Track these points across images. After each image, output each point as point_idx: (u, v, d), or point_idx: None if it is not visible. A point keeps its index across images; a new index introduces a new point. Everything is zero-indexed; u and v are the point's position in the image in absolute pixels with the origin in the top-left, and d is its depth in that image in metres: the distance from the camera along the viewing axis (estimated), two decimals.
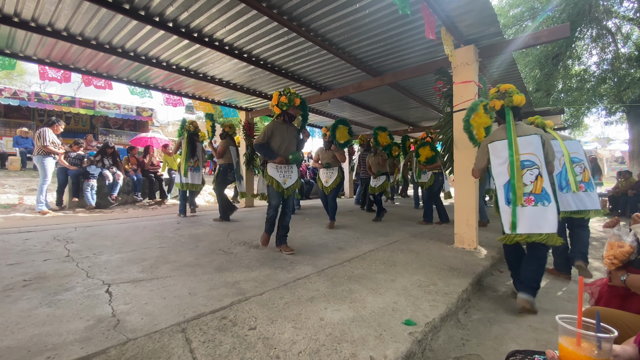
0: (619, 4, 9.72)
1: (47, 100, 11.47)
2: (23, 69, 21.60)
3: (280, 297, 2.25)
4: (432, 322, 1.98)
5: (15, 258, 3.05)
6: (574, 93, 10.47)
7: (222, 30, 4.14)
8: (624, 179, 8.88)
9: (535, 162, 2.47)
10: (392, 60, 4.94)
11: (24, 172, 8.43)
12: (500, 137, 2.61)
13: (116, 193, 7.25)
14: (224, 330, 1.77)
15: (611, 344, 0.76)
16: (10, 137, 10.53)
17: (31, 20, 3.89)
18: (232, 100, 7.50)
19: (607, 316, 1.26)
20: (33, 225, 4.82)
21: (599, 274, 3.41)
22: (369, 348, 1.64)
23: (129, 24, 3.98)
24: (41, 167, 5.92)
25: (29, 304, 2.03)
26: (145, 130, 15.30)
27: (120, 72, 5.48)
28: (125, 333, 1.69)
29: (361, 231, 4.84)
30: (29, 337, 1.63)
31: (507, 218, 2.53)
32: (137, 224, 5.09)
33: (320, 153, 5.42)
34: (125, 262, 3.01)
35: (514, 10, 11.45)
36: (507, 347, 1.94)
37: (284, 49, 4.65)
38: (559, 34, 3.58)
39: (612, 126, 25.60)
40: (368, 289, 2.46)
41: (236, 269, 2.88)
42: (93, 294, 2.23)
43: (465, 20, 3.53)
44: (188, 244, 3.83)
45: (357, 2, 3.45)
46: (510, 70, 5.14)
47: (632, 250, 1.53)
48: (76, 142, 7.15)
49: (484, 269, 3.16)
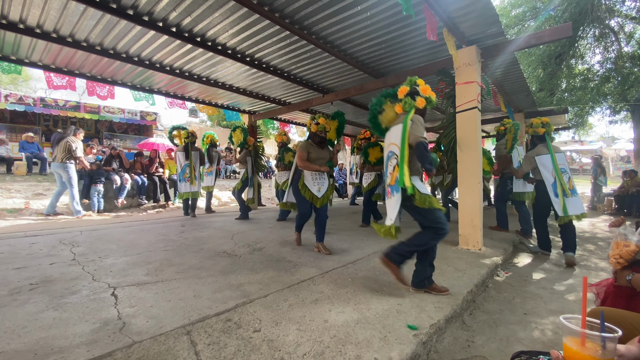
0: (621, 3, 9.67)
1: (52, 106, 11.61)
2: (28, 75, 21.81)
3: (284, 299, 2.26)
4: (437, 324, 1.97)
5: (22, 262, 3.08)
6: (577, 92, 10.41)
7: (224, 34, 4.17)
8: (630, 178, 8.81)
9: (566, 169, 3.80)
10: (394, 61, 4.95)
11: (29, 177, 8.51)
12: (544, 152, 3.84)
13: (123, 197, 7.33)
14: (229, 333, 1.77)
15: (615, 343, 0.76)
16: (16, 142, 10.64)
17: (36, 27, 3.95)
18: (235, 104, 7.54)
19: (613, 316, 1.25)
20: (39, 229, 4.87)
21: (605, 274, 3.38)
22: (374, 350, 1.63)
23: (133, 29, 4.02)
24: (67, 173, 6.08)
25: (36, 307, 2.05)
26: (149, 134, 15.41)
27: (125, 76, 5.54)
28: (131, 336, 1.71)
29: (364, 233, 4.83)
30: (36, 340, 1.65)
31: (559, 206, 3.68)
32: (142, 227, 5.12)
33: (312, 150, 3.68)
34: (131, 265, 3.03)
35: (516, 10, 11.42)
36: (512, 348, 1.93)
37: (287, 52, 4.68)
38: (561, 34, 3.57)
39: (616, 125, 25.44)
40: (372, 291, 2.45)
41: (240, 272, 2.88)
42: (99, 297, 2.25)
43: (466, 21, 3.53)
44: (192, 246, 3.84)
45: (359, 5, 3.46)
46: (513, 70, 5.13)
47: (638, 249, 1.52)
48: (89, 145, 7.32)
49: (489, 270, 3.14)
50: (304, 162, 3.57)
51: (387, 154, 2.46)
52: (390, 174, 2.39)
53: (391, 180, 2.36)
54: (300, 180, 3.62)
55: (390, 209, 2.38)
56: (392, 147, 2.36)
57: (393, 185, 2.33)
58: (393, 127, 2.41)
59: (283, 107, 7.35)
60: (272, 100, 7.12)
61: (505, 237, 4.68)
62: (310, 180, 3.60)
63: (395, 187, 2.28)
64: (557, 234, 4.15)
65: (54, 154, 6.21)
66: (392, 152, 2.37)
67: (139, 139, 14.75)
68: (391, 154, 2.38)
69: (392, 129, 2.42)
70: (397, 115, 2.45)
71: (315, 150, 3.65)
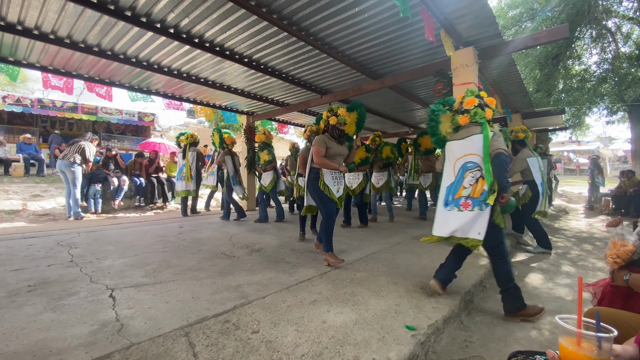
0: (618, 4, 9.70)
1: (50, 107, 11.57)
2: (26, 76, 21.73)
3: (282, 301, 2.26)
4: (435, 324, 1.98)
5: (20, 263, 3.07)
6: (574, 93, 10.44)
7: (222, 35, 4.17)
8: (627, 179, 8.85)
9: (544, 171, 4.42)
10: (392, 62, 4.96)
11: (27, 178, 8.48)
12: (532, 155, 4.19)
13: (120, 198, 7.32)
14: (227, 334, 1.77)
15: (611, 343, 0.76)
16: (14, 143, 10.59)
17: (34, 28, 3.94)
18: (233, 105, 7.54)
19: (609, 316, 1.26)
20: (37, 230, 4.85)
21: (602, 274, 3.40)
22: (372, 351, 1.64)
23: (131, 30, 4.02)
24: (73, 174, 6.15)
25: (34, 309, 2.05)
26: (147, 135, 15.37)
27: (122, 78, 5.53)
28: (129, 337, 1.70)
29: (363, 234, 4.84)
30: (34, 342, 1.65)
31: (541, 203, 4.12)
32: (140, 229, 5.11)
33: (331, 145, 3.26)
34: (129, 267, 3.02)
35: (513, 11, 11.46)
36: (510, 348, 1.93)
37: (285, 53, 4.68)
38: (558, 35, 3.59)
39: (613, 125, 25.54)
40: (370, 292, 2.46)
41: (239, 273, 2.88)
42: (97, 298, 2.24)
43: (464, 22, 3.55)
44: (190, 248, 3.84)
45: (357, 6, 3.47)
46: (510, 71, 5.15)
47: (635, 249, 1.53)
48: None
49: (486, 270, 3.15)
50: (322, 158, 3.16)
51: (464, 164, 2.40)
52: (471, 186, 2.33)
53: (474, 192, 2.31)
54: (320, 179, 3.27)
55: (477, 223, 2.28)
56: (472, 157, 2.36)
57: (476, 198, 2.28)
58: (468, 138, 2.39)
59: (281, 108, 7.36)
60: (271, 102, 7.12)
61: None
62: (330, 180, 3.27)
63: (482, 201, 2.25)
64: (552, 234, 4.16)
65: (65, 152, 6.27)
66: (473, 163, 2.35)
67: (136, 140, 14.70)
68: (472, 165, 2.35)
69: (467, 140, 2.40)
70: (453, 126, 2.53)
71: (335, 145, 3.26)
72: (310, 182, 3.36)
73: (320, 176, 3.27)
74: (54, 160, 10.40)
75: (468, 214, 2.32)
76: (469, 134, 2.40)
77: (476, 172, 2.31)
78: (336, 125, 3.27)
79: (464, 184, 2.36)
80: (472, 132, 2.38)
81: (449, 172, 2.49)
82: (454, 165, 2.45)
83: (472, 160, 2.35)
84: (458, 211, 2.37)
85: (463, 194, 2.36)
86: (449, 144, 2.53)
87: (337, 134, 3.29)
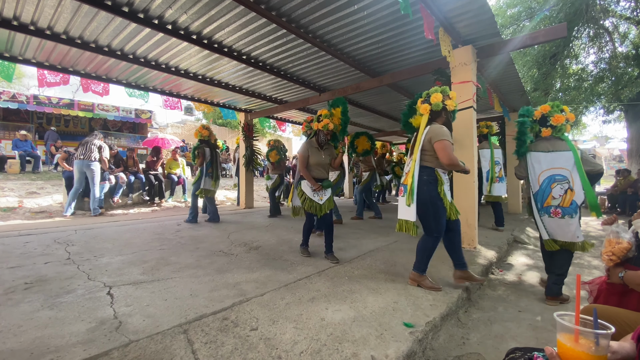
0: (615, 3, 9.74)
1: (45, 103, 11.48)
2: (22, 72, 21.54)
3: (281, 298, 2.26)
4: (433, 321, 1.99)
5: (16, 261, 3.05)
6: (571, 92, 10.48)
7: (221, 32, 4.15)
8: (623, 178, 8.92)
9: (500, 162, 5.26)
10: (391, 61, 4.96)
11: (23, 175, 8.43)
12: (486, 147, 4.86)
13: (118, 196, 7.29)
14: (226, 331, 1.78)
15: (608, 340, 0.77)
16: (9, 140, 10.51)
17: (30, 24, 3.90)
18: (231, 102, 7.51)
19: (606, 313, 1.27)
20: (33, 228, 4.82)
21: (598, 272, 3.43)
22: (370, 347, 1.65)
23: (128, 26, 3.98)
24: (92, 172, 6.24)
25: (31, 306, 2.04)
26: (144, 132, 15.30)
27: (119, 74, 5.48)
28: (127, 335, 1.70)
29: (361, 231, 4.85)
30: (32, 339, 1.64)
31: (486, 188, 4.98)
32: (138, 226, 5.09)
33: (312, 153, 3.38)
34: (126, 264, 3.01)
35: (512, 10, 11.47)
36: (507, 345, 1.95)
37: (283, 50, 4.66)
38: (556, 34, 3.60)
39: (610, 125, 25.69)
40: (369, 289, 2.47)
41: (237, 270, 2.88)
42: (94, 296, 2.24)
43: (462, 20, 3.55)
44: (188, 245, 3.83)
45: (356, 4, 3.46)
46: (508, 69, 5.16)
47: (630, 247, 1.54)
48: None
49: (484, 268, 3.17)
50: (304, 170, 3.29)
51: (550, 176, 2.63)
52: (560, 196, 2.58)
53: (564, 202, 2.57)
54: (299, 186, 3.36)
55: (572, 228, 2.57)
56: (560, 170, 2.60)
57: (567, 207, 2.56)
58: (555, 152, 2.63)
59: (279, 106, 7.33)
60: (269, 99, 7.09)
61: (500, 235, 4.73)
62: (308, 188, 3.30)
63: (573, 209, 2.54)
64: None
65: (81, 152, 6.28)
66: (562, 176, 2.59)
67: (133, 137, 14.64)
68: (561, 178, 2.59)
69: (554, 154, 2.64)
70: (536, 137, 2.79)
71: (315, 153, 3.33)
72: (295, 184, 3.51)
73: (300, 183, 3.39)
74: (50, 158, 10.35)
75: (559, 221, 2.60)
76: (555, 148, 2.64)
77: (564, 184, 2.57)
78: (322, 130, 3.36)
79: (552, 194, 2.61)
80: (557, 147, 2.63)
81: (533, 182, 2.73)
82: (539, 177, 2.69)
83: (560, 173, 2.61)
84: (549, 217, 2.64)
85: (552, 203, 2.61)
86: (534, 155, 2.74)
87: (322, 139, 3.39)
